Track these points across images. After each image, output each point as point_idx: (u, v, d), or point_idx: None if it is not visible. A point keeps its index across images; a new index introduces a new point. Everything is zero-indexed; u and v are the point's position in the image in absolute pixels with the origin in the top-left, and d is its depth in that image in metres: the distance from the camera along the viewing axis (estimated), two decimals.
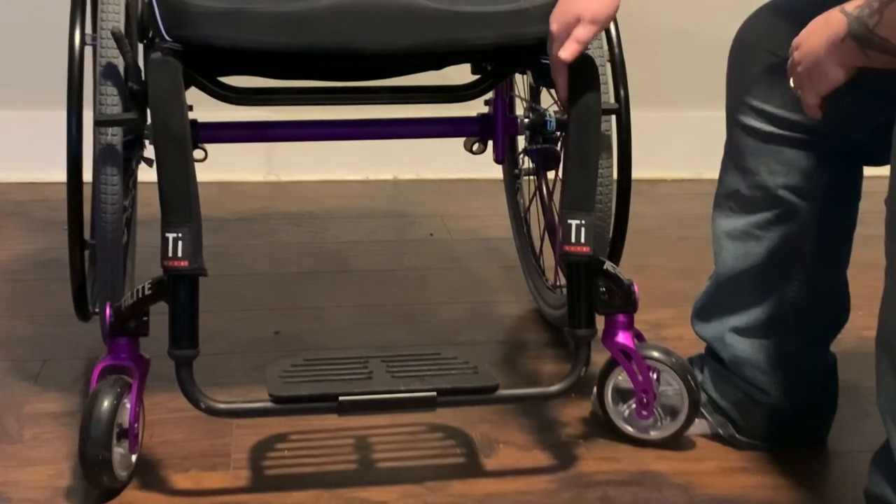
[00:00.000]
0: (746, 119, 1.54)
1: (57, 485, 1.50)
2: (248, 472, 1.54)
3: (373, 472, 1.55)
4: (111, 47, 1.56)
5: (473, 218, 2.56)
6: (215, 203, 2.48)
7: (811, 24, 1.35)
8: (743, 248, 1.56)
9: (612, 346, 1.58)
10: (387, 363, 1.53)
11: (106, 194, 1.56)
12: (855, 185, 1.55)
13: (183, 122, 1.48)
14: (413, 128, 1.91)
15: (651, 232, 2.46)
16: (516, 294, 2.13)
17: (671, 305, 1.94)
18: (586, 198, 1.53)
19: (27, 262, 2.27)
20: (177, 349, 1.45)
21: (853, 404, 1.69)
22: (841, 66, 1.31)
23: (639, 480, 1.54)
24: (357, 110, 1.83)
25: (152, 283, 1.47)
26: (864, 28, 1.27)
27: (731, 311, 1.60)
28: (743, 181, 1.55)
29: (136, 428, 1.48)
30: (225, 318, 1.96)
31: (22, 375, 1.79)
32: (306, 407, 1.47)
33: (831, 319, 1.60)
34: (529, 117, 1.83)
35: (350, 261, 2.32)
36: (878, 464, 1.31)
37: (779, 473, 1.56)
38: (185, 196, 1.44)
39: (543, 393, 1.58)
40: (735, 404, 1.61)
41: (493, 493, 1.51)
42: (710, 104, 1.82)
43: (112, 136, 1.56)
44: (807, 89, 1.36)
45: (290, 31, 1.52)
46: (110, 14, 1.59)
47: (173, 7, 1.51)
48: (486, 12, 1.58)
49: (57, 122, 1.65)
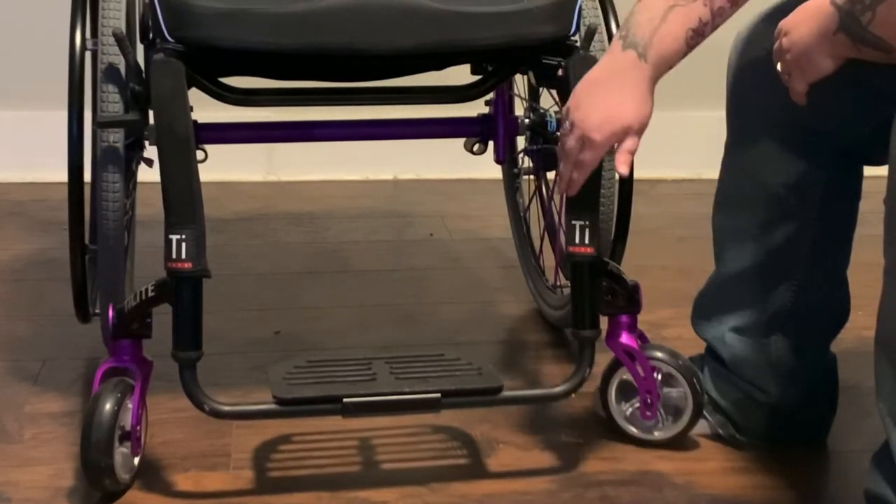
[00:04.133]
0: (746, 119, 1.54)
1: (57, 485, 1.50)
2: (248, 473, 1.54)
3: (373, 472, 1.55)
4: (112, 48, 1.56)
5: (473, 218, 2.56)
6: (215, 203, 2.48)
7: (798, 10, 1.34)
8: (743, 248, 1.56)
9: (616, 347, 1.58)
10: (390, 364, 1.53)
11: (107, 197, 1.55)
12: (855, 185, 1.55)
13: (186, 123, 1.48)
14: (413, 128, 1.91)
15: (651, 232, 2.46)
16: (516, 294, 2.13)
17: (671, 305, 1.94)
18: (590, 198, 1.53)
19: (27, 262, 2.26)
20: (181, 351, 1.44)
21: (853, 404, 1.69)
22: (831, 57, 1.32)
23: (639, 480, 1.54)
24: (357, 111, 1.83)
25: (156, 285, 1.47)
26: (856, 24, 1.27)
27: (731, 311, 1.60)
28: (743, 181, 1.55)
29: (139, 430, 1.48)
30: (225, 318, 1.96)
31: (22, 375, 1.79)
32: (310, 409, 1.47)
33: (831, 319, 1.60)
34: (530, 117, 1.83)
35: (350, 261, 2.32)
36: (878, 464, 1.31)
37: (779, 473, 1.56)
38: (189, 198, 1.44)
39: (548, 394, 1.58)
40: (735, 404, 1.61)
41: (494, 493, 1.51)
42: (710, 104, 1.83)
43: (114, 138, 1.55)
44: (795, 77, 1.36)
45: (292, 31, 1.52)
46: (111, 14, 1.59)
47: (175, 8, 1.51)
48: (489, 13, 1.57)
49: (57, 122, 1.65)
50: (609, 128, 1.43)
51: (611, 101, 1.43)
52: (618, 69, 1.43)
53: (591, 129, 1.43)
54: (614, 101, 1.42)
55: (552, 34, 1.60)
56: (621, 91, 1.42)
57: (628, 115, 1.43)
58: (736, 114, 1.57)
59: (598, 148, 1.44)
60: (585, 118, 1.43)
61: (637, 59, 1.41)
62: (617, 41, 1.43)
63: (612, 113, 1.43)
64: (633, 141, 1.45)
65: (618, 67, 1.43)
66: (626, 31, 1.43)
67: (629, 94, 1.42)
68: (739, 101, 1.56)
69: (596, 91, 1.44)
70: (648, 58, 1.41)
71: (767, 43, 1.43)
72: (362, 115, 1.85)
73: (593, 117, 1.43)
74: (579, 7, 1.62)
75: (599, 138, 1.43)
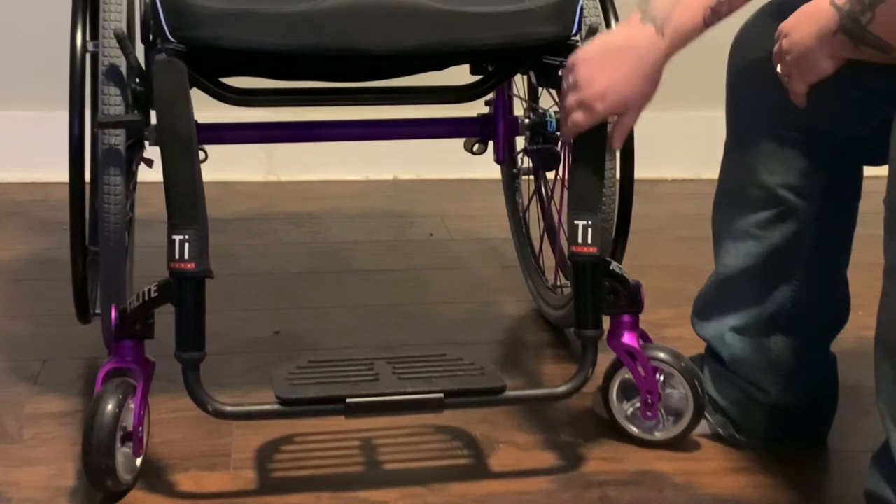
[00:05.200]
0: (746, 119, 1.54)
1: (57, 485, 1.50)
2: (248, 473, 1.54)
3: (373, 472, 1.55)
4: (113, 48, 1.56)
5: (473, 218, 2.56)
6: (215, 203, 2.46)
7: (798, 12, 1.35)
8: (743, 247, 1.57)
9: (617, 347, 1.58)
10: (392, 365, 1.53)
11: (109, 197, 1.55)
12: (855, 185, 1.55)
13: (189, 123, 1.47)
14: (413, 128, 1.91)
15: (651, 232, 2.46)
16: (516, 294, 2.13)
17: (671, 305, 1.94)
18: (593, 198, 1.53)
19: (27, 262, 2.27)
20: (184, 352, 1.44)
21: (853, 404, 1.69)
22: (831, 57, 1.32)
23: (639, 480, 1.54)
24: (357, 111, 1.83)
25: (158, 286, 1.47)
26: (856, 25, 1.27)
27: (731, 311, 1.60)
28: (743, 181, 1.55)
29: (141, 431, 1.48)
30: (225, 318, 1.96)
31: (22, 375, 1.79)
32: (313, 409, 1.46)
33: (831, 319, 1.60)
34: (530, 118, 1.83)
35: (350, 261, 2.32)
36: (878, 464, 1.31)
37: (779, 473, 1.56)
38: (192, 198, 1.44)
39: (551, 394, 1.58)
40: (735, 404, 1.61)
41: (494, 493, 1.51)
42: (710, 104, 1.83)
43: (115, 139, 1.55)
44: (795, 78, 1.37)
45: (294, 32, 1.52)
46: (112, 15, 1.59)
47: (177, 8, 1.51)
48: (491, 13, 1.57)
49: (57, 122, 1.65)
50: (612, 99, 1.44)
51: (621, 71, 1.43)
52: (633, 41, 1.43)
53: (594, 97, 1.45)
54: (624, 71, 1.43)
55: (553, 34, 1.60)
56: (633, 64, 1.43)
57: (634, 90, 1.44)
58: (736, 114, 1.57)
59: (596, 116, 1.46)
60: (591, 82, 1.45)
61: (655, 34, 1.41)
62: (635, 13, 1.44)
63: (619, 85, 1.44)
64: (631, 116, 1.47)
65: (634, 39, 1.43)
66: (646, 3, 1.43)
67: (640, 69, 1.43)
68: (739, 101, 1.56)
69: (608, 58, 1.44)
70: (666, 33, 1.41)
71: (767, 43, 1.43)
72: (362, 115, 1.85)
73: (598, 83, 1.44)
74: (581, 7, 1.62)
75: (601, 108, 1.45)
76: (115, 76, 1.56)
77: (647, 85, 1.44)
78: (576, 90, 1.47)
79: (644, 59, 1.43)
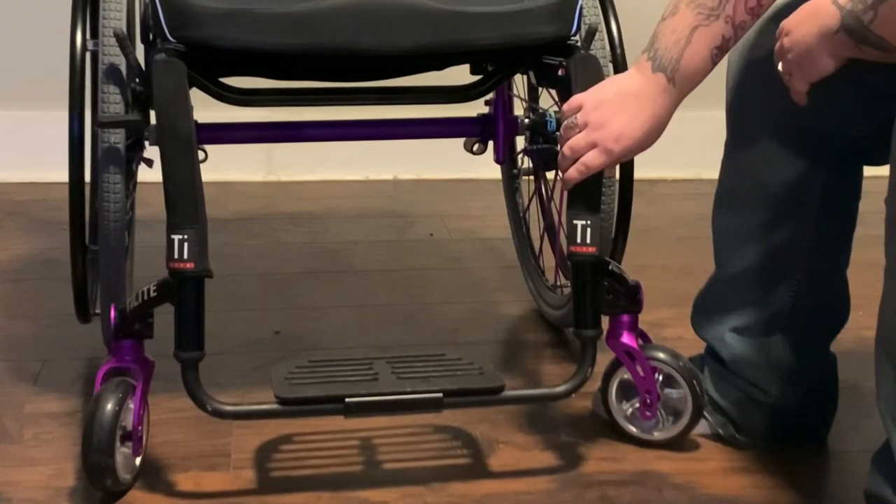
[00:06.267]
0: (746, 119, 1.54)
1: (57, 485, 1.50)
2: (248, 473, 1.54)
3: (373, 472, 1.55)
4: (113, 48, 1.56)
5: (473, 218, 2.56)
6: (215, 203, 2.47)
7: (800, 10, 1.35)
8: (743, 248, 1.56)
9: (617, 347, 1.58)
10: (392, 364, 1.53)
11: (108, 198, 1.55)
12: (855, 184, 1.55)
13: (188, 123, 1.47)
14: (413, 128, 1.91)
15: (651, 232, 2.46)
16: (516, 294, 2.13)
17: (671, 305, 1.94)
18: (592, 198, 1.53)
19: (27, 262, 2.27)
20: (183, 351, 1.44)
21: (853, 404, 1.69)
22: (832, 56, 1.33)
23: (639, 480, 1.54)
24: (357, 111, 1.83)
25: (157, 285, 1.47)
26: (858, 24, 1.28)
27: (731, 311, 1.60)
28: (743, 181, 1.55)
29: (140, 431, 1.48)
30: (225, 318, 1.96)
31: (22, 375, 1.79)
32: (313, 409, 1.46)
33: (831, 319, 1.60)
34: (530, 117, 1.83)
35: (350, 261, 2.32)
36: (878, 464, 1.31)
37: (779, 473, 1.56)
38: (191, 198, 1.44)
39: (550, 393, 1.58)
40: (735, 404, 1.61)
41: (494, 493, 1.51)
42: (710, 104, 1.82)
43: (115, 139, 1.55)
44: (796, 76, 1.37)
45: (294, 31, 1.52)
46: (112, 14, 1.59)
47: (177, 8, 1.51)
48: (491, 13, 1.57)
49: (57, 122, 1.65)
50: (626, 143, 1.45)
51: (639, 116, 1.45)
52: (648, 90, 1.44)
53: (610, 139, 1.45)
54: (641, 118, 1.45)
55: (553, 34, 1.60)
56: (649, 110, 1.44)
57: (647, 134, 1.45)
58: (736, 114, 1.57)
59: (612, 158, 1.47)
60: (606, 125, 1.45)
61: (667, 84, 1.43)
62: (646, 61, 1.44)
63: (634, 129, 1.45)
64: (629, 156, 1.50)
65: (648, 89, 1.44)
66: (654, 52, 1.43)
67: (654, 115, 1.44)
68: (739, 100, 1.56)
69: (626, 103, 1.45)
70: (677, 82, 1.43)
71: (768, 43, 1.43)
72: (362, 115, 1.85)
73: (615, 126, 1.45)
74: (580, 7, 1.62)
75: (618, 150, 1.46)
76: (114, 76, 1.56)
77: (658, 130, 1.46)
78: (588, 131, 1.47)
79: (658, 106, 1.44)
